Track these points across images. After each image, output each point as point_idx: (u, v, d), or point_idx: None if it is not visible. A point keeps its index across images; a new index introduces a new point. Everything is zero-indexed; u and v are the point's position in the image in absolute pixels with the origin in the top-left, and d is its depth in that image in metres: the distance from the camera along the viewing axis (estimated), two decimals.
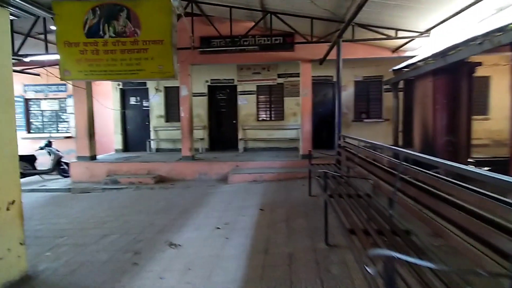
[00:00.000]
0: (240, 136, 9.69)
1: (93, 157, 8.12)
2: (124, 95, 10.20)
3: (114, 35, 5.68)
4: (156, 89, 9.84)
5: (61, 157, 8.79)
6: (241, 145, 9.55)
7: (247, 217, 4.45)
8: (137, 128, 10.29)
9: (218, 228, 4.06)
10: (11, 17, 6.07)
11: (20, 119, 10.43)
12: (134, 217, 4.81)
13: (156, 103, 10.01)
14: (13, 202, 2.87)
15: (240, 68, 9.61)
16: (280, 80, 9.62)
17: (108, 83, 10.07)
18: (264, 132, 9.72)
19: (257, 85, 9.77)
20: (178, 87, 7.93)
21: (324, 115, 9.46)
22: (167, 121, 10.04)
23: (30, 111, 10.50)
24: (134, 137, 10.31)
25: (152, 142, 9.97)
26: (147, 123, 10.15)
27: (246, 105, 9.78)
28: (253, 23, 6.83)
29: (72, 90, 7.99)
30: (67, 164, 8.65)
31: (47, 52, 6.50)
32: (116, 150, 10.16)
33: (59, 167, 8.75)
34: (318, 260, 2.90)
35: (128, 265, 3.12)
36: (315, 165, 5.32)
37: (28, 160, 8.45)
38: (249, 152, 9.49)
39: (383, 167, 2.79)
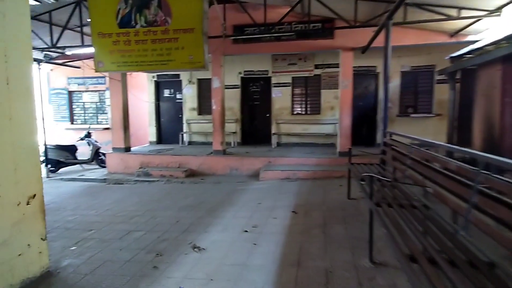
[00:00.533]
0: (273, 130, 9.29)
1: (127, 149, 8.23)
2: (158, 87, 10.26)
3: (145, 25, 5.54)
4: (189, 81, 9.74)
5: (99, 147, 9.06)
6: (274, 140, 9.16)
7: (278, 220, 4.06)
8: (171, 120, 10.32)
9: (246, 231, 3.73)
10: (35, 3, 6.13)
11: (64, 111, 10.98)
12: (161, 212, 4.66)
13: (189, 95, 9.93)
14: (34, 196, 2.76)
15: (275, 58, 9.15)
16: (317, 71, 9.00)
17: (143, 76, 10.18)
18: (299, 127, 9.22)
19: (293, 77, 9.25)
20: (211, 79, 7.70)
21: (364, 109, 8.71)
22: (199, 114, 9.93)
23: (73, 103, 10.99)
24: (168, 129, 10.36)
25: (184, 135, 9.93)
26: (180, 116, 10.13)
27: (280, 98, 9.32)
28: (289, 8, 6.31)
29: (109, 82, 8.12)
30: (104, 154, 8.90)
31: (82, 44, 6.58)
32: (151, 143, 10.29)
33: (98, 157, 9.03)
34: (361, 281, 2.44)
35: (148, 268, 2.90)
36: (355, 164, 4.76)
37: (70, 150, 8.81)
38: (283, 147, 9.06)
39: (449, 173, 2.23)
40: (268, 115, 9.56)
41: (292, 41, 7.15)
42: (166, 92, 10.29)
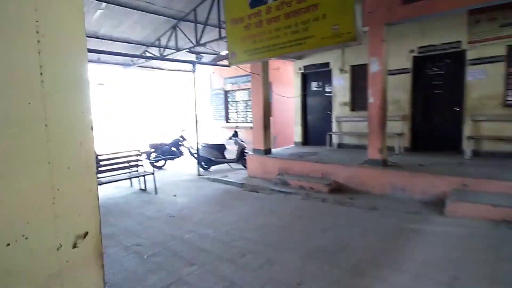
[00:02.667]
0: (467, 132, 6.12)
1: (267, 151, 7.42)
2: (305, 80, 9.00)
3: None
4: (341, 70, 7.90)
5: (244, 147, 8.79)
6: (468, 147, 5.99)
7: None
8: (318, 118, 8.85)
9: None
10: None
11: (221, 110, 11.65)
12: (282, 255, 3.25)
13: (339, 87, 8.12)
14: (85, 234, 1.91)
15: (476, 20, 5.91)
16: None
17: (290, 69, 9.20)
18: None
19: (509, 46, 5.73)
20: (367, 64, 5.63)
21: None
22: (352, 109, 7.94)
23: (228, 102, 11.47)
24: (315, 129, 8.96)
25: (333, 135, 8.24)
26: (328, 113, 8.50)
27: (483, 81, 5.99)
28: None
29: (251, 78, 7.54)
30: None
31: (220, 37, 6.13)
32: (296, 144, 9.22)
33: (242, 157, 8.79)
34: None
35: None
36: None
37: (219, 149, 8.97)
38: (485, 159, 5.78)
39: None
40: (457, 108, 6.41)
41: None
42: (314, 85, 8.89)
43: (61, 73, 1.43)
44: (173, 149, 10.12)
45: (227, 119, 11.50)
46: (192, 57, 8.53)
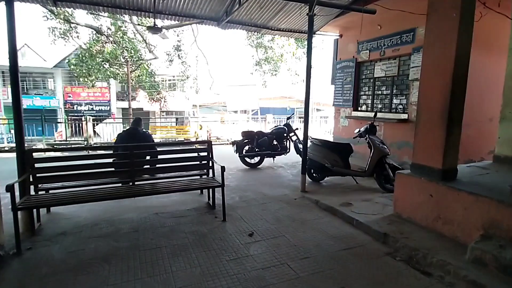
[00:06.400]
0: None
1: (449, 173, 3.51)
2: None
3: None
4: None
5: (385, 154, 5.13)
6: None
7: None
8: None
9: None
10: None
11: (347, 92, 8.00)
12: None
13: None
14: None
15: None
16: None
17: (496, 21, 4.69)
18: None
19: None
20: None
21: None
22: None
23: (361, 80, 7.70)
24: None
25: None
26: None
27: None
28: None
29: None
30: (393, 169, 4.90)
31: None
32: (497, 157, 4.77)
33: (382, 171, 5.16)
34: None
35: None
36: None
37: (341, 151, 5.58)
38: None
39: None
40: None
41: None
42: None
43: None
44: (275, 142, 7.28)
45: (356, 105, 7.77)
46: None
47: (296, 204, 4.48)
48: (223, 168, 3.70)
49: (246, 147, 7.06)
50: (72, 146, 10.51)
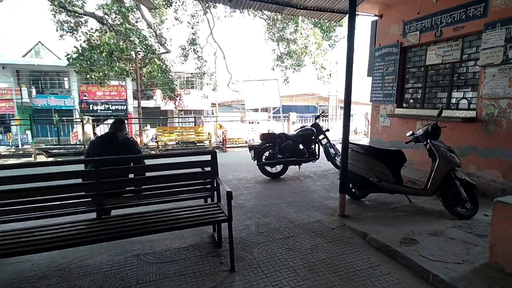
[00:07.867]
0: None
1: None
2: None
3: None
4: None
5: (454, 166, 3.75)
6: None
7: None
8: None
9: None
10: None
11: (389, 84, 6.54)
12: None
13: None
14: None
15: None
16: None
17: None
18: None
19: None
20: None
21: None
22: None
23: (407, 70, 6.23)
24: None
25: None
26: None
27: None
28: None
29: None
30: (472, 187, 3.50)
31: None
32: None
33: (450, 189, 3.78)
34: None
35: None
36: None
37: (391, 162, 4.24)
38: None
39: None
40: None
41: None
42: None
43: None
44: (301, 147, 6.00)
45: (400, 100, 6.31)
46: None
47: (335, 239, 3.21)
48: (229, 195, 2.49)
49: (266, 153, 5.84)
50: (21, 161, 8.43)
